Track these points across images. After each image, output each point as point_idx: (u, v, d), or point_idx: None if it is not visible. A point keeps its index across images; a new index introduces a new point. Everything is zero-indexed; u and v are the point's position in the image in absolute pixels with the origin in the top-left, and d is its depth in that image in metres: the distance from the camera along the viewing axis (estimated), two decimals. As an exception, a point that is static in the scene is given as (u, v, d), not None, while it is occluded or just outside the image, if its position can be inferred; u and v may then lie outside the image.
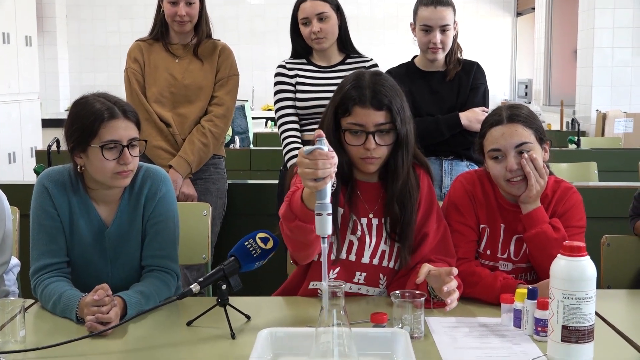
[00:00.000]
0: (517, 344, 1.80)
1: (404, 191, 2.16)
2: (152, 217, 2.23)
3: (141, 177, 2.24)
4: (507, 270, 2.27)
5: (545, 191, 2.27)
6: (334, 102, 2.16)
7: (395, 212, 2.16)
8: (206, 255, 2.68)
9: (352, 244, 2.19)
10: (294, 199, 1.93)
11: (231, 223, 3.58)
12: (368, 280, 2.20)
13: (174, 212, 2.28)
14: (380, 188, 2.22)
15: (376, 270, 2.20)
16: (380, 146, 2.11)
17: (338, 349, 1.59)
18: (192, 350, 1.79)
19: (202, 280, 1.90)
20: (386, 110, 2.10)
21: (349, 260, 2.19)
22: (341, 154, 2.11)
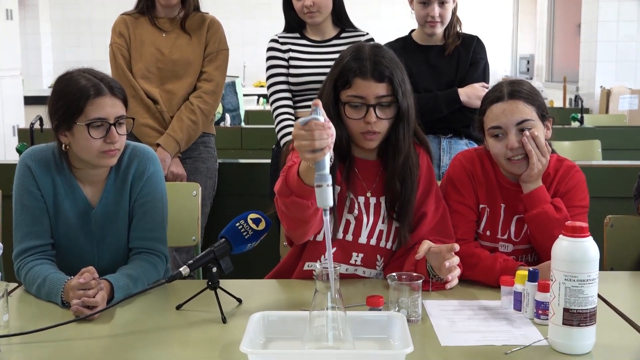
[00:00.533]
0: (517, 328, 1.81)
1: (405, 167, 2.17)
2: (139, 197, 2.23)
3: (128, 156, 2.24)
4: (507, 252, 2.28)
5: (547, 170, 2.28)
6: (333, 75, 2.16)
7: (396, 189, 2.16)
8: (196, 237, 2.68)
9: (349, 223, 2.19)
10: (290, 174, 1.92)
11: (222, 204, 3.58)
12: (365, 262, 2.21)
13: (162, 192, 2.28)
14: (379, 166, 2.22)
15: (373, 251, 2.21)
16: (381, 120, 2.11)
17: (332, 333, 1.60)
18: (181, 335, 1.79)
19: (192, 263, 1.90)
20: (387, 83, 2.10)
21: (345, 240, 2.19)
22: (340, 129, 2.12)
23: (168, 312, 1.95)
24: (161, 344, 1.74)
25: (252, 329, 1.65)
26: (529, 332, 1.78)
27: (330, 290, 1.60)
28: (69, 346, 1.73)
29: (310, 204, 1.90)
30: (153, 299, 2.05)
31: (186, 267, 1.89)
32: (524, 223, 2.27)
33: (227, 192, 3.65)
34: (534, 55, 10.21)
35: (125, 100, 2.16)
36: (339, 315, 1.61)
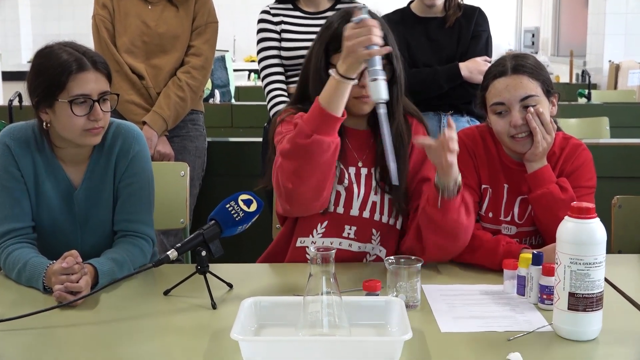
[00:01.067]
0: (520, 313, 1.81)
1: (397, 135, 2.18)
2: (124, 177, 2.23)
3: (112, 135, 2.23)
4: (510, 234, 2.29)
5: (553, 148, 2.28)
6: (324, 39, 2.17)
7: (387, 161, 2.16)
8: (184, 219, 2.69)
9: (340, 194, 2.20)
10: (308, 114, 1.95)
11: (211, 184, 3.58)
12: (359, 235, 2.22)
13: (148, 173, 2.27)
14: (369, 136, 2.24)
15: (367, 224, 2.22)
16: None
17: (327, 319, 1.61)
18: (169, 322, 1.80)
19: (180, 246, 1.90)
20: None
21: (337, 212, 2.20)
22: None
23: (155, 298, 1.95)
24: (148, 331, 1.75)
25: (243, 315, 1.65)
26: (533, 317, 1.79)
27: (325, 274, 1.60)
28: (51, 334, 1.73)
29: (331, 142, 1.95)
30: (139, 284, 2.06)
31: (174, 250, 1.88)
32: (528, 204, 2.28)
33: (216, 172, 3.65)
34: (539, 28, 10.19)
35: (109, 75, 2.16)
36: (335, 301, 1.61)
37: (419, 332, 1.67)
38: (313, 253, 1.61)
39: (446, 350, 1.61)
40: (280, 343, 1.56)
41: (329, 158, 1.98)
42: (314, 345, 1.55)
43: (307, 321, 1.61)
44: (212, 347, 1.63)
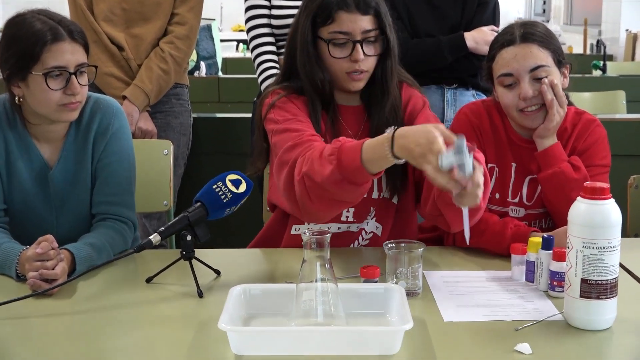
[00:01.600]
0: (529, 301, 1.82)
1: (391, 111, 2.20)
2: (103, 156, 2.23)
3: (90, 110, 2.23)
4: (518, 217, 2.29)
5: (564, 124, 2.28)
6: (310, 10, 2.16)
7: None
8: (168, 201, 2.69)
9: None
10: (345, 158, 1.84)
11: (197, 164, 3.58)
12: (357, 216, 2.23)
13: (128, 151, 2.27)
14: (362, 112, 2.25)
15: (364, 204, 2.22)
16: (368, 57, 2.14)
17: (322, 308, 1.61)
18: (152, 312, 1.80)
19: (164, 230, 1.90)
20: (373, 15, 2.13)
21: None
22: (322, 71, 2.15)
23: (137, 286, 1.95)
24: (129, 321, 1.75)
25: (231, 304, 1.65)
26: (543, 305, 1.79)
27: (319, 259, 1.60)
28: (25, 324, 1.73)
29: (364, 189, 1.92)
30: (120, 271, 2.06)
31: (157, 234, 1.88)
32: (537, 184, 2.28)
33: (202, 150, 3.65)
34: (550, -5, 10.16)
35: (86, 46, 2.15)
36: (330, 288, 1.62)
37: (420, 322, 1.68)
38: (307, 237, 1.61)
39: (449, 341, 1.61)
40: (271, 334, 1.56)
41: (358, 196, 1.96)
42: (307, 336, 1.55)
43: (300, 310, 1.61)
44: (198, 338, 1.63)
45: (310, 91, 2.18)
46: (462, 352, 1.57)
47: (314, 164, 1.91)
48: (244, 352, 1.52)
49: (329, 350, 1.52)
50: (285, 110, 2.15)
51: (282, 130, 2.09)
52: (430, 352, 1.55)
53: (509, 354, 1.53)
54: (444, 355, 1.53)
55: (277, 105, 2.18)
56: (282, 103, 2.18)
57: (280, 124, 2.12)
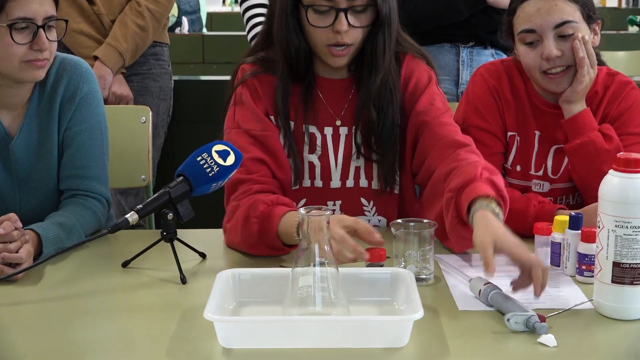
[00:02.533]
0: (554, 287, 1.82)
1: (383, 89, 2.17)
2: (71, 124, 2.23)
3: (55, 72, 2.22)
4: (542, 192, 2.30)
5: (594, 87, 2.28)
6: None
7: (372, 118, 2.16)
8: (146, 175, 2.69)
9: (313, 165, 2.21)
10: (266, 227, 1.96)
11: (178, 133, 3.58)
12: (347, 209, 2.23)
13: (100, 118, 2.27)
14: (350, 85, 2.22)
15: (354, 195, 2.23)
16: (354, 28, 2.11)
17: (321, 296, 1.61)
18: (129, 300, 1.81)
19: (142, 208, 1.89)
20: None
21: (315, 187, 2.22)
22: (299, 39, 2.13)
23: (112, 271, 1.96)
24: (103, 311, 1.75)
25: (219, 291, 1.65)
26: (570, 292, 1.80)
27: (318, 241, 1.60)
28: (-14, 314, 1.73)
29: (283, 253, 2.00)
30: (93, 255, 2.06)
31: (134, 213, 1.88)
32: (564, 155, 2.29)
33: (185, 117, 3.64)
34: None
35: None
36: (330, 273, 1.61)
37: (431, 311, 1.68)
38: (304, 215, 1.60)
39: (464, 332, 1.62)
40: (263, 324, 1.56)
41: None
42: (304, 326, 1.55)
43: (296, 298, 1.61)
44: (181, 329, 1.63)
45: (283, 63, 2.17)
46: (479, 345, 1.57)
47: (232, 229, 2.05)
48: (233, 345, 1.53)
49: (329, 343, 1.52)
50: (245, 109, 2.17)
51: (234, 141, 2.10)
52: (443, 345, 1.55)
53: (532, 346, 1.53)
54: (458, 348, 1.54)
55: (243, 100, 2.18)
56: (247, 96, 2.18)
57: (237, 130, 2.15)
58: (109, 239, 2.08)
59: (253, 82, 2.19)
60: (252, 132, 2.14)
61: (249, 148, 2.10)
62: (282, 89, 2.17)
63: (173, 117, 3.50)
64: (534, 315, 1.58)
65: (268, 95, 2.18)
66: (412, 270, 1.80)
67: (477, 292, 1.74)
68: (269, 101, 2.18)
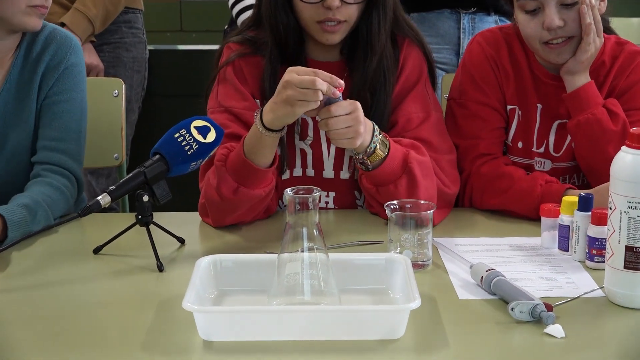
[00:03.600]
0: (562, 273, 1.82)
1: (378, 72, 2.17)
2: (51, 94, 2.25)
3: (44, 40, 2.25)
4: (544, 171, 2.29)
5: (601, 57, 2.27)
6: None
7: (365, 101, 2.15)
8: (119, 154, 2.69)
9: (305, 153, 2.22)
10: (231, 160, 2.00)
11: (154, 107, 3.58)
12: (340, 202, 2.24)
13: (82, 94, 2.30)
14: (343, 69, 2.22)
15: (349, 187, 2.24)
16: (347, 4, 2.10)
17: (310, 284, 1.60)
18: (101, 289, 1.80)
19: (115, 189, 1.88)
20: None
21: (307, 176, 2.22)
22: (288, 16, 2.14)
23: (82, 258, 1.95)
24: (74, 300, 1.74)
25: (198, 279, 1.64)
26: (579, 279, 1.80)
27: (306, 224, 1.58)
28: (-54, 305, 1.72)
29: (262, 194, 2.02)
30: (62, 240, 2.06)
31: (106, 194, 1.86)
32: (567, 132, 2.28)
33: (161, 91, 3.64)
34: None
35: None
36: (319, 259, 1.61)
37: (429, 300, 1.68)
38: (290, 196, 1.60)
39: (465, 322, 1.61)
40: (247, 315, 1.54)
41: (261, 204, 2.09)
42: (292, 317, 1.53)
43: (282, 286, 1.61)
44: (158, 321, 1.62)
45: (272, 43, 2.17)
46: (481, 336, 1.56)
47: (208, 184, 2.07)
48: (215, 338, 1.52)
49: (318, 335, 1.51)
50: (229, 87, 2.18)
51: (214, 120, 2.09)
52: (442, 337, 1.54)
53: (538, 337, 1.52)
54: (458, 340, 1.53)
55: (227, 78, 2.19)
56: (231, 74, 2.19)
57: (218, 109, 2.17)
58: (80, 223, 2.06)
59: (239, 63, 2.21)
60: (234, 109, 2.15)
61: (229, 124, 2.10)
62: (270, 71, 2.17)
63: (148, 90, 3.50)
64: (540, 304, 1.56)
65: (254, 77, 2.19)
66: (409, 255, 1.79)
67: (479, 279, 1.72)
68: (255, 84, 2.19)
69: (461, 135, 2.30)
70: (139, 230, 1.93)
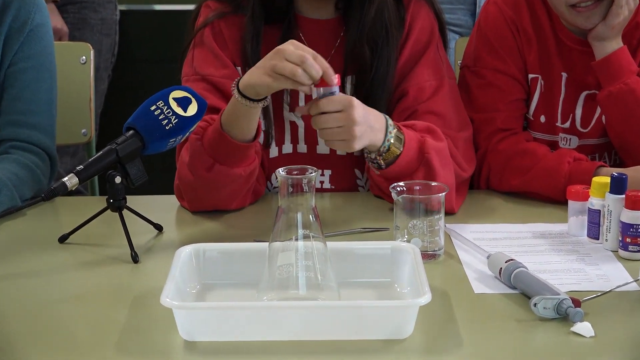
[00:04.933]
0: (592, 264, 1.82)
1: (378, 23, 2.16)
2: (16, 60, 2.26)
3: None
4: (570, 149, 2.29)
5: (635, 18, 2.27)
6: None
7: (364, 57, 2.16)
8: (87, 129, 2.70)
9: (296, 126, 2.23)
10: (208, 134, 2.01)
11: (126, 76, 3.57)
12: (337, 182, 2.25)
13: (50, 58, 2.31)
14: (338, 26, 2.23)
15: (347, 164, 2.24)
16: None
17: (305, 277, 1.60)
18: (68, 282, 1.80)
19: (83, 169, 1.87)
20: None
21: (298, 153, 2.23)
22: None
23: (47, 248, 1.95)
24: (37, 295, 1.74)
25: (179, 271, 1.64)
26: (611, 270, 1.80)
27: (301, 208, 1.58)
28: None
29: (242, 173, 2.02)
30: (24, 227, 2.06)
31: (73, 175, 1.85)
32: (596, 104, 2.29)
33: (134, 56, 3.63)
34: None
35: None
36: (316, 249, 1.61)
37: (441, 294, 1.68)
38: (283, 176, 1.59)
39: (481, 320, 1.61)
40: (234, 312, 1.54)
41: (242, 187, 2.10)
42: (285, 314, 1.54)
43: (274, 279, 1.60)
44: (133, 318, 1.62)
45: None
46: (499, 335, 1.56)
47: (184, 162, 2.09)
48: (197, 337, 1.52)
49: (314, 335, 1.51)
50: (206, 52, 2.18)
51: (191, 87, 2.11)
52: (455, 336, 1.54)
53: (564, 337, 1.52)
54: (473, 340, 1.53)
55: (204, 41, 2.20)
56: (209, 37, 2.19)
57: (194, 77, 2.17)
58: (45, 208, 2.08)
59: (219, 24, 2.20)
60: (212, 77, 2.16)
61: (205, 95, 2.09)
62: (253, 32, 2.17)
63: (119, 56, 3.49)
64: (566, 299, 1.56)
65: (235, 41, 2.19)
66: (418, 244, 1.79)
67: (497, 271, 1.72)
68: (236, 48, 2.19)
69: (476, 108, 2.30)
70: (111, 216, 1.93)
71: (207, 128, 2.02)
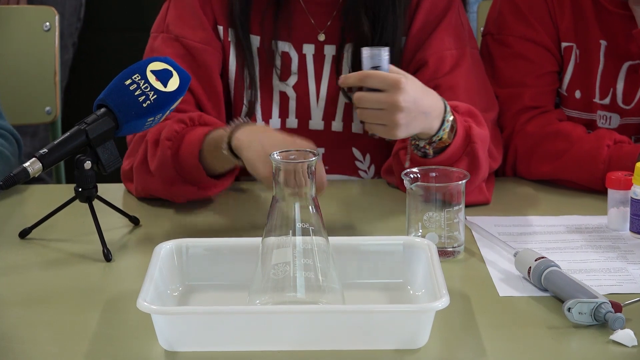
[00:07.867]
0: (635, 263, 1.83)
1: None
2: None
3: None
4: (610, 129, 2.30)
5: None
6: None
7: (362, 29, 2.17)
8: (52, 107, 2.71)
9: (287, 98, 2.24)
10: (185, 150, 2.00)
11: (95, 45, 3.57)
12: (332, 161, 2.26)
13: None
14: None
15: (343, 141, 2.26)
16: None
17: (304, 277, 1.61)
18: (30, 283, 1.80)
19: (47, 153, 1.87)
20: None
21: (287, 128, 2.24)
22: None
23: (6, 243, 1.96)
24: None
25: (158, 270, 1.65)
26: None
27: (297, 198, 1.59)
28: None
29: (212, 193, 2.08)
30: None
31: (36, 160, 1.85)
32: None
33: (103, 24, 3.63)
34: None
35: None
36: (316, 245, 1.61)
37: (460, 297, 1.69)
38: (277, 162, 1.59)
39: (506, 326, 1.62)
40: (222, 318, 1.55)
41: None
42: (280, 321, 1.54)
43: (268, 280, 1.61)
44: (105, 325, 1.62)
45: None
46: (527, 344, 1.56)
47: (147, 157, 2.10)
48: (180, 347, 1.52)
49: (315, 344, 1.52)
50: (184, 8, 2.19)
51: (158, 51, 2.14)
52: (476, 345, 1.54)
53: (602, 345, 1.53)
54: (498, 350, 1.54)
55: (170, 30, 2.20)
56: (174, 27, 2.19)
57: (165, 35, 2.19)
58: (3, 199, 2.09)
59: None
60: (186, 40, 2.16)
61: (178, 63, 2.08)
62: None
63: (86, 23, 3.49)
64: (605, 303, 1.57)
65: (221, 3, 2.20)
66: (434, 240, 1.80)
67: (526, 271, 1.73)
68: (221, 5, 2.19)
69: (500, 82, 2.31)
70: (80, 207, 1.93)
71: (182, 137, 2.02)
